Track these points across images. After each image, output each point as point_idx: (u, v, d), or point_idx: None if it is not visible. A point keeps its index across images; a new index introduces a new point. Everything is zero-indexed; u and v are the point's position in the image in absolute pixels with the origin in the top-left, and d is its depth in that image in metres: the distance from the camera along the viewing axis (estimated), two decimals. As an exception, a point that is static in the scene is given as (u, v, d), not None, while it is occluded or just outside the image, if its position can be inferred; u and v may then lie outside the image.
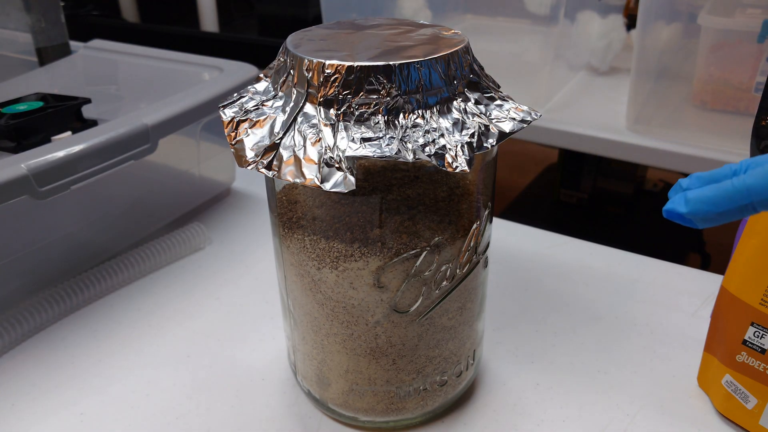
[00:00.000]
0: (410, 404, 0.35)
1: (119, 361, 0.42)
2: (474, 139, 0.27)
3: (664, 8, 0.71)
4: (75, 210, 0.45)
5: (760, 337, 0.34)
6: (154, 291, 0.48)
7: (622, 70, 0.95)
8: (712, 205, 0.26)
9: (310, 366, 0.36)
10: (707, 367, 0.38)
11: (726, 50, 0.71)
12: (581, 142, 0.78)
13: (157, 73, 0.62)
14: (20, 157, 0.40)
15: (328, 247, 0.30)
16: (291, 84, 0.29)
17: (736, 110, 0.73)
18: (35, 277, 0.44)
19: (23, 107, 0.49)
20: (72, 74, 0.65)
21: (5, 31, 0.69)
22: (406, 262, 0.30)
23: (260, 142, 0.28)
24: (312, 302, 0.33)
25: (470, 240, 0.32)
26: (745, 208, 0.26)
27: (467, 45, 0.29)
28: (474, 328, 0.36)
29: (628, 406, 0.38)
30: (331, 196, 0.30)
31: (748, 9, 0.69)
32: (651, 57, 0.74)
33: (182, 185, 0.55)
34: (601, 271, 0.50)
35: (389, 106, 0.27)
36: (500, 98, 0.30)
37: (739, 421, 0.36)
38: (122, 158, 0.45)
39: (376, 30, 0.32)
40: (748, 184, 0.26)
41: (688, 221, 0.27)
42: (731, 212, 0.26)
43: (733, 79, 0.72)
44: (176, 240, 0.51)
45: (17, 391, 0.39)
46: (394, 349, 0.33)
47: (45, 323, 0.44)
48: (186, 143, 0.53)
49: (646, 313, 0.45)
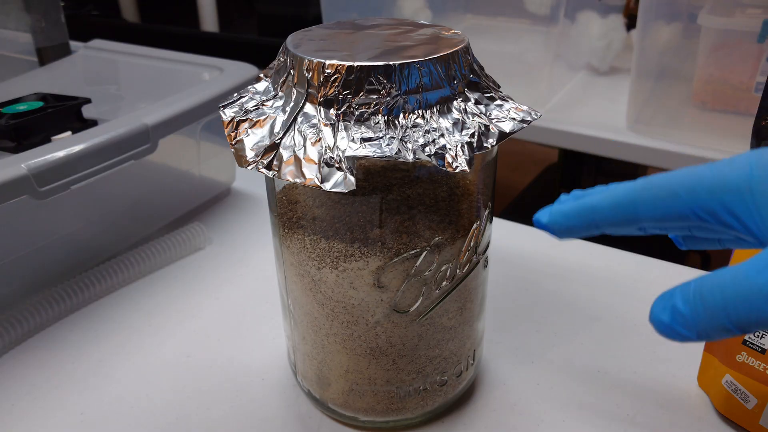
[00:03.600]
0: (410, 404, 0.35)
1: (119, 361, 0.42)
2: (474, 139, 0.27)
3: (664, 8, 0.72)
4: (75, 210, 0.45)
5: (760, 337, 0.34)
6: (154, 291, 0.48)
7: (622, 70, 0.95)
8: (565, 218, 0.27)
9: (310, 366, 0.36)
10: (707, 367, 0.38)
11: (726, 50, 0.71)
12: (581, 142, 0.78)
13: (157, 73, 0.62)
14: (20, 157, 0.40)
15: (328, 247, 0.30)
16: (291, 84, 0.29)
17: (736, 110, 0.73)
18: (35, 277, 0.44)
19: (23, 107, 0.49)
20: (72, 74, 0.65)
21: (5, 31, 0.69)
22: (406, 262, 0.30)
23: (260, 142, 0.28)
24: (312, 302, 0.33)
25: (470, 240, 0.32)
26: (590, 225, 0.27)
27: (467, 45, 0.29)
28: (474, 328, 0.36)
29: (628, 406, 0.38)
30: (331, 196, 0.30)
31: (748, 9, 0.69)
32: (651, 57, 0.74)
33: (182, 185, 0.55)
34: (601, 271, 0.50)
35: (389, 106, 0.27)
36: (500, 98, 0.30)
37: (739, 421, 0.36)
38: (122, 158, 0.45)
39: (376, 30, 0.32)
40: (593, 203, 0.26)
41: (551, 231, 0.28)
42: (579, 227, 0.27)
43: (733, 79, 0.72)
44: (176, 240, 0.51)
45: (17, 391, 0.39)
46: (394, 349, 0.33)
47: (45, 323, 0.44)
48: (186, 143, 0.53)
49: (646, 313, 0.45)
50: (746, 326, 0.21)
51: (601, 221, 0.26)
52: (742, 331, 0.21)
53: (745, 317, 0.21)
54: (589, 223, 0.27)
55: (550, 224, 0.28)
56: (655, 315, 0.23)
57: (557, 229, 0.28)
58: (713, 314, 0.21)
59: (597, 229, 0.27)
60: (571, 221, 0.27)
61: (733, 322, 0.21)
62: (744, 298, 0.21)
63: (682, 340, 0.22)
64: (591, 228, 0.27)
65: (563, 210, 0.27)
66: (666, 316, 0.23)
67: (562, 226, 0.27)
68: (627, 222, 0.26)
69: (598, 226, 0.27)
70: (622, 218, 0.26)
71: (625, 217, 0.26)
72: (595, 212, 0.26)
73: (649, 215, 0.25)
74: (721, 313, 0.21)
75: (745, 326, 0.21)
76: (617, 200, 0.26)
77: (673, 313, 0.22)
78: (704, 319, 0.22)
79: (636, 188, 0.25)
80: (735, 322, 0.21)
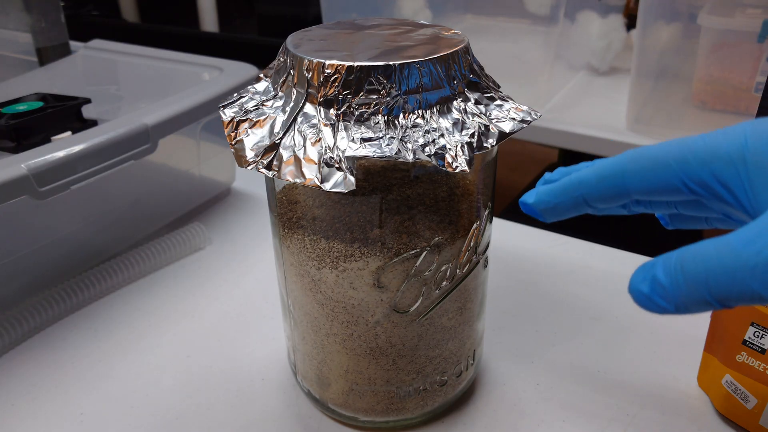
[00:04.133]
0: (410, 404, 0.35)
1: (119, 361, 0.42)
2: (474, 139, 0.27)
3: (664, 8, 0.72)
4: (75, 210, 0.45)
5: (760, 337, 0.34)
6: (154, 291, 0.48)
7: (622, 70, 0.95)
8: (552, 196, 0.27)
9: (310, 366, 0.36)
10: (707, 367, 0.38)
11: (726, 50, 0.71)
12: (581, 142, 0.78)
13: (157, 73, 0.62)
14: (20, 157, 0.40)
15: (328, 247, 0.30)
16: (291, 84, 0.29)
17: (736, 110, 0.73)
18: (35, 277, 0.44)
19: (23, 107, 0.49)
20: (72, 74, 0.65)
21: (5, 31, 0.69)
22: (406, 262, 0.30)
23: (260, 142, 0.28)
24: (312, 302, 0.33)
25: (470, 240, 0.32)
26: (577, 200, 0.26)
27: (467, 45, 0.29)
28: (474, 328, 0.36)
29: (628, 406, 0.38)
30: (331, 196, 0.30)
31: (748, 9, 0.69)
32: (651, 57, 0.74)
33: (182, 185, 0.55)
34: (601, 271, 0.50)
35: (389, 106, 0.27)
36: (500, 98, 0.30)
37: (739, 421, 0.36)
38: (122, 158, 0.45)
39: (376, 30, 0.32)
40: (580, 177, 0.26)
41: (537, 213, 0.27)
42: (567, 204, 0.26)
43: (733, 79, 0.72)
44: (176, 240, 0.51)
45: (17, 391, 0.39)
46: (394, 349, 0.33)
47: (45, 323, 0.44)
48: (186, 143, 0.53)
49: (646, 313, 0.45)
50: (727, 300, 0.20)
51: (589, 195, 0.26)
52: (723, 305, 0.20)
53: (726, 291, 0.20)
54: (576, 198, 0.26)
55: (537, 203, 0.27)
56: (634, 285, 0.23)
57: (544, 209, 0.27)
58: (694, 287, 0.20)
59: (585, 206, 0.26)
60: (558, 198, 0.26)
61: (713, 295, 0.20)
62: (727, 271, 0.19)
63: (660, 311, 0.22)
64: (579, 204, 0.26)
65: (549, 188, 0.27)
66: (645, 287, 0.22)
67: (549, 204, 0.27)
68: (616, 195, 0.25)
69: (587, 201, 0.26)
70: (610, 191, 0.25)
71: (613, 189, 0.25)
72: (582, 186, 0.26)
73: (638, 187, 0.24)
74: (702, 286, 0.20)
75: (726, 300, 0.20)
76: (605, 172, 0.25)
77: (652, 283, 0.22)
78: (684, 292, 0.21)
79: (624, 160, 0.25)
80: (716, 295, 0.20)
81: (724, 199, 0.22)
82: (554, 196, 0.27)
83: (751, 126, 0.22)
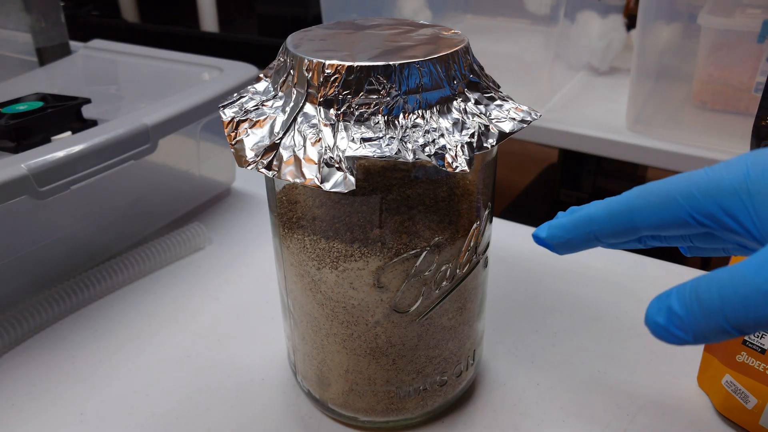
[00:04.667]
0: (410, 404, 0.35)
1: (119, 361, 0.42)
2: (474, 139, 0.27)
3: (664, 8, 0.71)
4: (75, 210, 0.45)
5: (760, 337, 0.34)
6: (154, 291, 0.48)
7: (622, 70, 0.95)
8: (564, 231, 0.27)
9: (310, 366, 0.36)
10: (707, 367, 0.38)
11: (726, 50, 0.71)
12: (581, 142, 0.78)
13: (157, 73, 0.62)
14: (20, 157, 0.40)
15: (328, 247, 0.30)
16: (291, 84, 0.29)
17: (736, 110, 0.73)
18: (35, 277, 0.44)
19: (23, 107, 0.49)
20: (72, 74, 0.65)
21: (5, 31, 0.69)
22: (406, 262, 0.30)
23: (260, 142, 0.28)
24: (312, 302, 0.33)
25: (470, 240, 0.32)
26: (588, 236, 0.27)
27: (467, 45, 0.29)
28: (474, 328, 0.36)
29: (628, 406, 0.38)
30: (331, 196, 0.30)
31: (748, 9, 0.69)
32: (651, 57, 0.74)
33: (182, 185, 0.55)
34: (601, 271, 0.50)
35: (389, 106, 0.27)
36: (500, 98, 0.30)
37: (739, 421, 0.36)
38: (122, 158, 0.45)
39: (376, 30, 0.32)
40: (591, 214, 0.26)
41: (550, 247, 0.28)
42: (578, 240, 0.27)
43: (733, 79, 0.72)
44: (176, 240, 0.51)
45: (17, 391, 0.39)
46: (394, 349, 0.33)
47: (45, 323, 0.44)
48: (186, 143, 0.53)
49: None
50: (744, 327, 0.20)
51: (599, 232, 0.26)
52: (740, 332, 0.20)
53: (743, 318, 0.20)
54: (587, 235, 0.27)
55: (549, 238, 0.28)
56: (651, 317, 0.22)
57: (556, 243, 0.28)
58: (710, 315, 0.20)
59: (596, 241, 0.27)
60: (569, 234, 0.27)
61: (730, 323, 0.20)
62: (741, 298, 0.20)
63: (678, 342, 0.22)
64: (590, 240, 0.27)
65: (561, 224, 0.28)
66: (661, 318, 0.22)
67: (561, 240, 0.27)
68: (625, 231, 0.26)
69: (597, 238, 0.27)
70: (619, 227, 0.26)
71: (622, 226, 0.26)
72: (593, 223, 0.26)
73: (646, 223, 0.25)
74: (718, 314, 0.20)
75: (743, 327, 0.20)
76: (613, 209, 0.26)
77: (668, 314, 0.22)
78: (701, 321, 0.21)
79: (631, 196, 0.25)
80: (732, 323, 0.20)
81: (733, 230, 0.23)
82: (566, 232, 0.27)
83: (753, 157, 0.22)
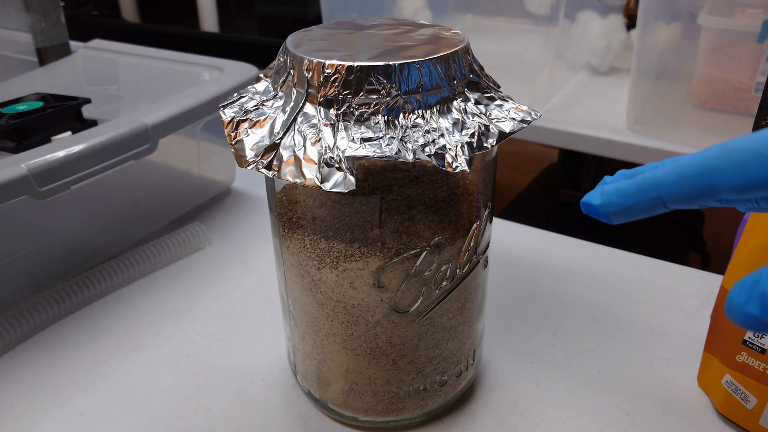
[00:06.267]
0: (410, 404, 0.35)
1: (119, 361, 0.42)
2: (474, 139, 0.27)
3: (664, 8, 0.71)
4: (75, 210, 0.45)
5: (760, 337, 0.34)
6: (154, 291, 0.48)
7: (622, 70, 0.95)
8: (623, 197, 0.25)
9: (310, 366, 0.36)
10: (707, 367, 0.38)
11: (726, 50, 0.71)
12: (581, 142, 0.78)
13: (157, 73, 0.62)
14: (20, 157, 0.40)
15: (328, 247, 0.30)
16: (291, 84, 0.29)
17: (736, 110, 0.73)
18: (35, 277, 0.44)
19: (23, 107, 0.49)
20: (72, 74, 0.65)
21: (5, 31, 0.69)
22: (406, 262, 0.30)
23: (260, 142, 0.28)
24: (312, 302, 0.33)
25: (470, 240, 0.32)
26: (653, 202, 0.24)
27: (467, 45, 0.29)
28: (474, 328, 0.36)
29: (628, 406, 0.38)
30: (331, 196, 0.30)
31: (748, 9, 0.69)
32: (651, 57, 0.74)
33: (182, 185, 0.55)
34: (601, 271, 0.50)
35: (389, 106, 0.27)
36: (500, 98, 0.30)
37: (739, 421, 0.36)
38: (122, 158, 0.45)
39: (376, 30, 0.32)
40: (658, 177, 0.24)
41: (602, 215, 0.26)
42: (641, 205, 0.24)
43: (733, 79, 0.72)
44: (176, 240, 0.51)
45: (17, 391, 0.39)
46: (394, 349, 0.33)
47: (45, 323, 0.44)
48: (186, 143, 0.53)
49: (646, 313, 0.45)
50: None
51: (669, 196, 0.24)
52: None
53: None
54: (653, 201, 0.24)
55: (605, 205, 0.25)
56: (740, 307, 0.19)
57: (614, 210, 0.25)
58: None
59: (662, 207, 0.24)
60: (630, 200, 0.25)
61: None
62: None
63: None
64: (655, 206, 0.24)
65: (619, 189, 0.25)
66: (754, 308, 0.19)
67: (620, 206, 0.25)
68: (701, 195, 0.23)
69: (664, 203, 0.24)
70: (695, 191, 0.23)
71: (699, 189, 0.23)
72: (662, 187, 0.24)
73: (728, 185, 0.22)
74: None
75: None
76: (687, 171, 0.23)
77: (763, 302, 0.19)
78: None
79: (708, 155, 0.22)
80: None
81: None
82: (626, 198, 0.25)
83: None
